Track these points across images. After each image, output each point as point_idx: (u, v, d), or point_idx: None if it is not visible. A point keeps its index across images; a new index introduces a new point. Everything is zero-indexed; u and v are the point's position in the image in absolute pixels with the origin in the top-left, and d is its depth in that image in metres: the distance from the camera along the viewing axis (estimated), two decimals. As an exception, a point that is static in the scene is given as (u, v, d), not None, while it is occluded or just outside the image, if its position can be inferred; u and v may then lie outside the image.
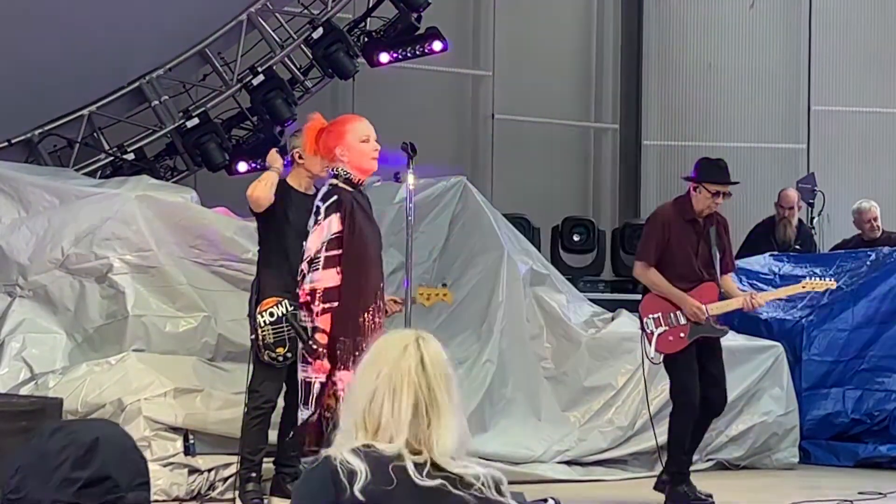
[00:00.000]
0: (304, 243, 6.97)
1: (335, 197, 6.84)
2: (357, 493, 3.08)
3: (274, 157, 8.11)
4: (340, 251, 6.80)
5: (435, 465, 3.15)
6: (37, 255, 9.34)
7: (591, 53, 15.91)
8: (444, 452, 3.16)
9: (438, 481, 3.14)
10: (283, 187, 8.02)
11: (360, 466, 3.11)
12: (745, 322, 10.42)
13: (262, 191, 7.92)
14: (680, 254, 8.66)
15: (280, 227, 7.92)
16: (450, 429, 3.18)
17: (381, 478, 3.10)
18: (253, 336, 7.81)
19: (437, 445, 3.16)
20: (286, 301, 7.74)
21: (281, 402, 8.06)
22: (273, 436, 8.21)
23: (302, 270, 6.84)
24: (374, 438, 3.18)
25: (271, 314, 7.76)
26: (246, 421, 7.91)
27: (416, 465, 3.14)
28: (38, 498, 3.01)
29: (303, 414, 6.90)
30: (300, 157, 8.03)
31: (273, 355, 7.77)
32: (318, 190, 7.53)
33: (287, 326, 7.71)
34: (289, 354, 7.73)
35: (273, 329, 7.77)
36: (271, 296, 7.82)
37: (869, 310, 10.61)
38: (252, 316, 7.87)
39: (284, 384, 7.98)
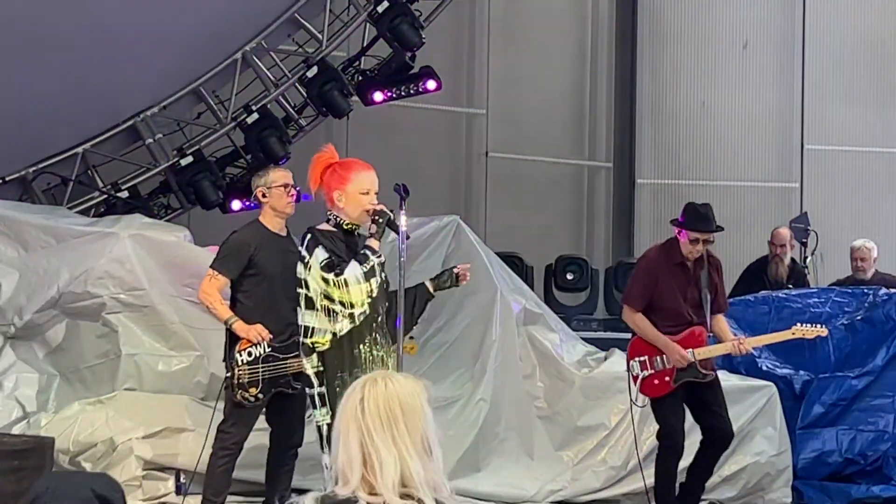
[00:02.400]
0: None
1: (309, 236, 6.93)
2: None
3: (254, 335, 7.70)
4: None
5: None
6: (33, 295, 9.36)
7: (585, 92, 15.93)
8: (387, 489, 3.17)
9: None
10: (257, 229, 7.88)
11: None
12: (747, 367, 10.45)
13: (206, 301, 7.83)
14: (668, 297, 8.67)
15: (256, 270, 7.78)
16: (387, 469, 3.18)
17: None
18: (229, 374, 7.69)
19: (380, 486, 3.17)
20: (265, 343, 7.68)
21: (258, 441, 8.01)
22: (258, 475, 8.18)
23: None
24: (341, 483, 3.21)
25: (249, 353, 7.66)
26: (212, 462, 7.77)
27: None
28: None
29: (325, 459, 6.84)
30: (263, 196, 7.87)
31: (245, 395, 7.66)
32: (289, 231, 7.72)
33: (263, 367, 7.67)
34: (260, 395, 7.68)
35: (249, 368, 7.67)
36: None
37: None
38: (228, 356, 7.73)
39: (269, 424, 7.93)
